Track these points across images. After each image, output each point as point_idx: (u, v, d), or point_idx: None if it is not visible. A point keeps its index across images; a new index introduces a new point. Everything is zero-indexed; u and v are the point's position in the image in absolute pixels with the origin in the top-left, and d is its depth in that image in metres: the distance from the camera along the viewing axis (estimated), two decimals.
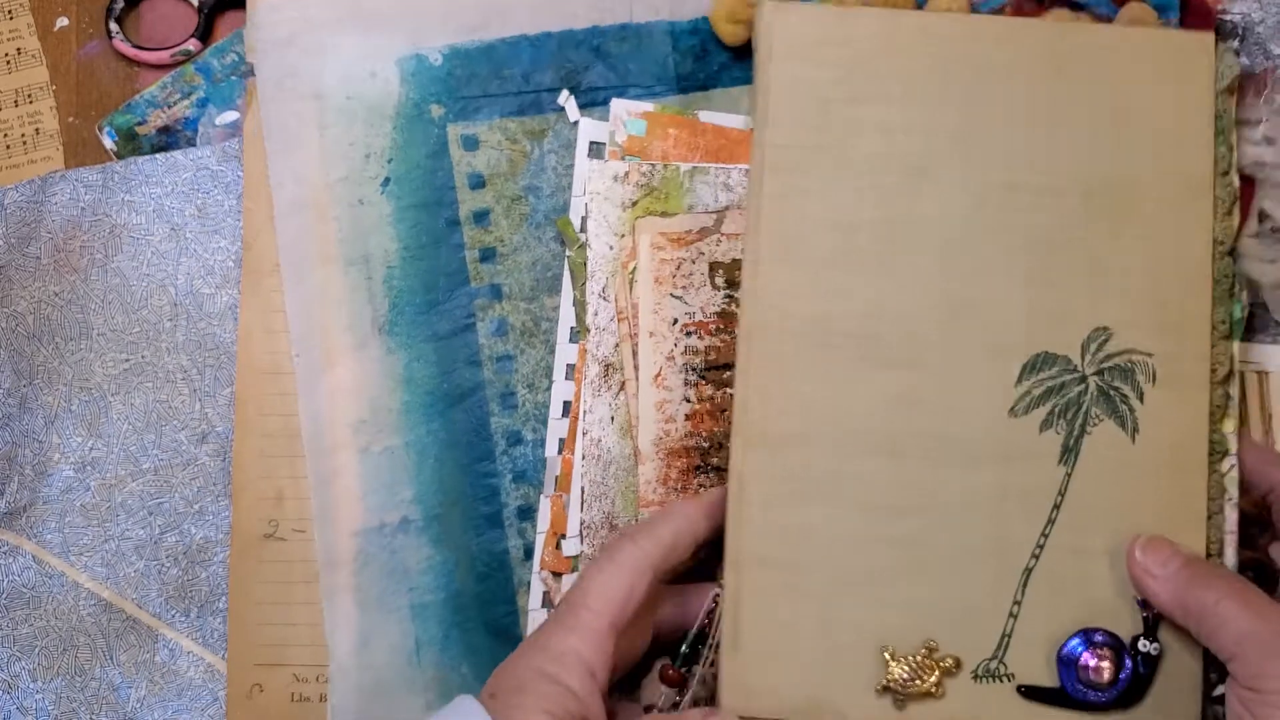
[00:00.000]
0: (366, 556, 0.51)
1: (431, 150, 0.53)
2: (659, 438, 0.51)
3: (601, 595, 0.43)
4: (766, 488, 0.47)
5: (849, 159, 0.48)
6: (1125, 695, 0.45)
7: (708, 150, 0.53)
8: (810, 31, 0.49)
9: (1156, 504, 0.47)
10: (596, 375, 0.52)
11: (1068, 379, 0.47)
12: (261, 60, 0.52)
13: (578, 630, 0.42)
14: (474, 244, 0.53)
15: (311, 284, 0.52)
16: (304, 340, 0.51)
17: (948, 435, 0.47)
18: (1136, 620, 0.46)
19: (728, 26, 0.52)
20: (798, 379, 0.47)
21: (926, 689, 0.45)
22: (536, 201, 0.53)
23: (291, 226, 0.52)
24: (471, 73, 0.53)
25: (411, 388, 0.52)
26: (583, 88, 0.53)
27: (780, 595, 0.46)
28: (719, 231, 0.52)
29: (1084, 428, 0.47)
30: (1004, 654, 0.46)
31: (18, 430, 0.53)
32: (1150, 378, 0.47)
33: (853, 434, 0.47)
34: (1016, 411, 0.47)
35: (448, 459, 0.51)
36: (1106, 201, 0.48)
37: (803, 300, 0.48)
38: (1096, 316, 0.48)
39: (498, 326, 0.52)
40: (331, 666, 0.50)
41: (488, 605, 0.51)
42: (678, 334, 0.52)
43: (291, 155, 0.52)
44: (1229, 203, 0.49)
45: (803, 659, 0.46)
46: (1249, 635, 0.41)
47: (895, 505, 0.47)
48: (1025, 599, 0.46)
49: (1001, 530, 0.47)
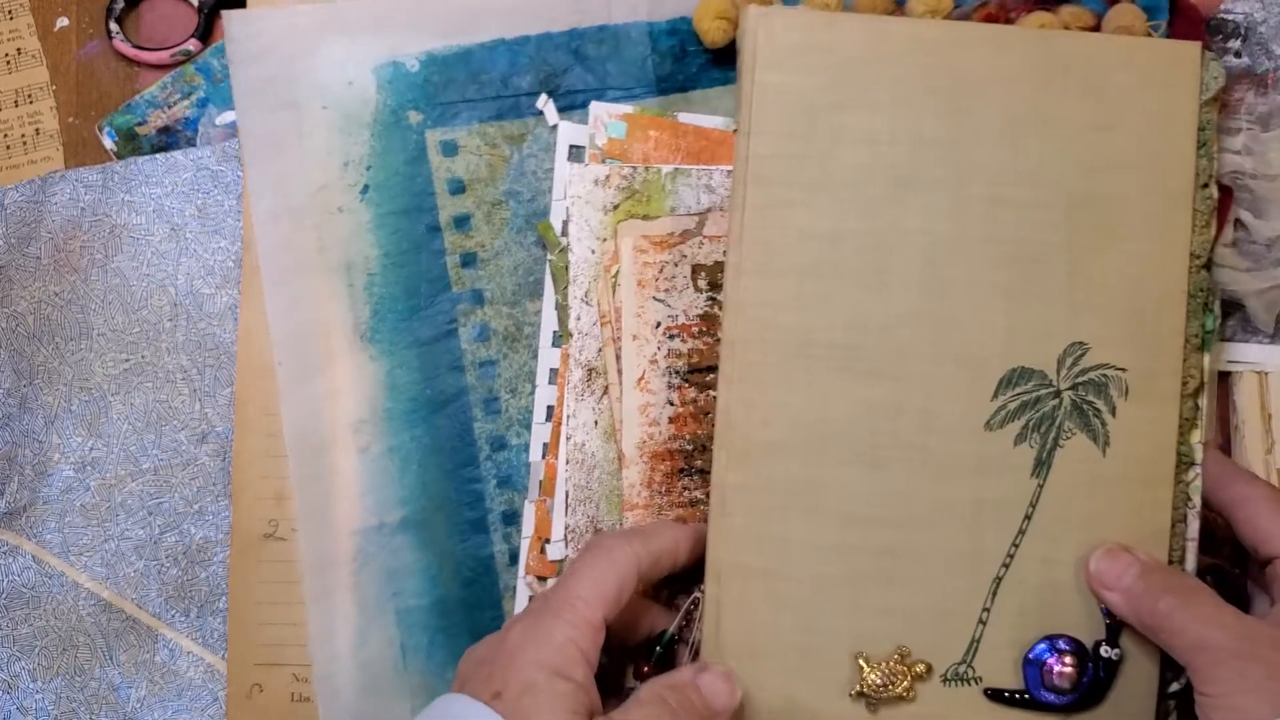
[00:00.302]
0: (366, 556, 0.51)
1: (410, 156, 0.52)
2: (643, 441, 0.52)
3: (595, 589, 0.43)
4: (748, 497, 0.48)
5: (833, 169, 0.48)
6: (1085, 698, 0.47)
7: (689, 152, 0.53)
8: (795, 38, 0.48)
9: (1124, 515, 0.48)
10: (580, 380, 0.52)
11: (1043, 393, 0.48)
12: (238, 70, 0.51)
13: (575, 623, 0.42)
14: (455, 249, 0.52)
15: (293, 293, 0.52)
16: (286, 349, 0.51)
17: (926, 447, 0.48)
18: (1100, 626, 0.48)
19: (714, 24, 0.51)
20: (780, 389, 0.48)
21: (899, 693, 0.47)
22: (517, 206, 0.53)
23: (271, 236, 0.51)
24: (449, 78, 0.52)
25: (394, 394, 0.52)
26: (561, 91, 0.52)
27: (759, 602, 0.48)
28: (701, 234, 0.52)
29: (1057, 441, 0.48)
30: (973, 659, 0.48)
31: (18, 430, 0.53)
32: (1123, 392, 0.48)
33: (833, 444, 0.48)
34: (992, 425, 0.48)
35: (431, 465, 0.52)
36: (1089, 215, 0.48)
37: (785, 310, 0.48)
38: (1074, 331, 0.48)
39: (480, 332, 0.52)
40: (323, 666, 0.51)
41: (473, 610, 0.52)
42: (660, 337, 0.52)
43: (270, 165, 0.51)
44: (1207, 215, 0.49)
45: (780, 663, 0.48)
46: (1200, 644, 0.43)
47: (873, 515, 0.48)
48: (994, 606, 0.48)
49: (974, 540, 0.48)
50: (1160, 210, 0.48)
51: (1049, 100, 0.48)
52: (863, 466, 0.48)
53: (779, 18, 0.48)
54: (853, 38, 0.48)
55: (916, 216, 0.48)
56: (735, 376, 0.48)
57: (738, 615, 0.48)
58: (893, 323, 0.48)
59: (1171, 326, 0.48)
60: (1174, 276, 0.48)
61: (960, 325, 0.48)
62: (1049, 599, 0.48)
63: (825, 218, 0.48)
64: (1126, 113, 0.48)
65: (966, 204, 0.48)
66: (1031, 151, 0.48)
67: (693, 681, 0.44)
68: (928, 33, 0.48)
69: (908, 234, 0.48)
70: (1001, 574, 0.48)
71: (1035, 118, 0.48)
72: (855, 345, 0.48)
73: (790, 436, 0.48)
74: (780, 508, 0.48)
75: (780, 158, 0.48)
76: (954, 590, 0.48)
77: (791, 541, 0.48)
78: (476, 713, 0.40)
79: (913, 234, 0.48)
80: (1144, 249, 0.48)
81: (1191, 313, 0.49)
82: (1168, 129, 0.48)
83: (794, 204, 0.48)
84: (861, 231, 0.48)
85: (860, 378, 0.48)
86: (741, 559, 0.48)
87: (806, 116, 0.48)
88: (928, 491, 0.48)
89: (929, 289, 0.48)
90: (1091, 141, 0.48)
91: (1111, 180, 0.48)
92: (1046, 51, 0.48)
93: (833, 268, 0.48)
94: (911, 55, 0.48)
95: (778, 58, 0.48)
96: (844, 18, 0.49)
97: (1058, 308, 0.48)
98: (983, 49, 0.48)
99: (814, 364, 0.48)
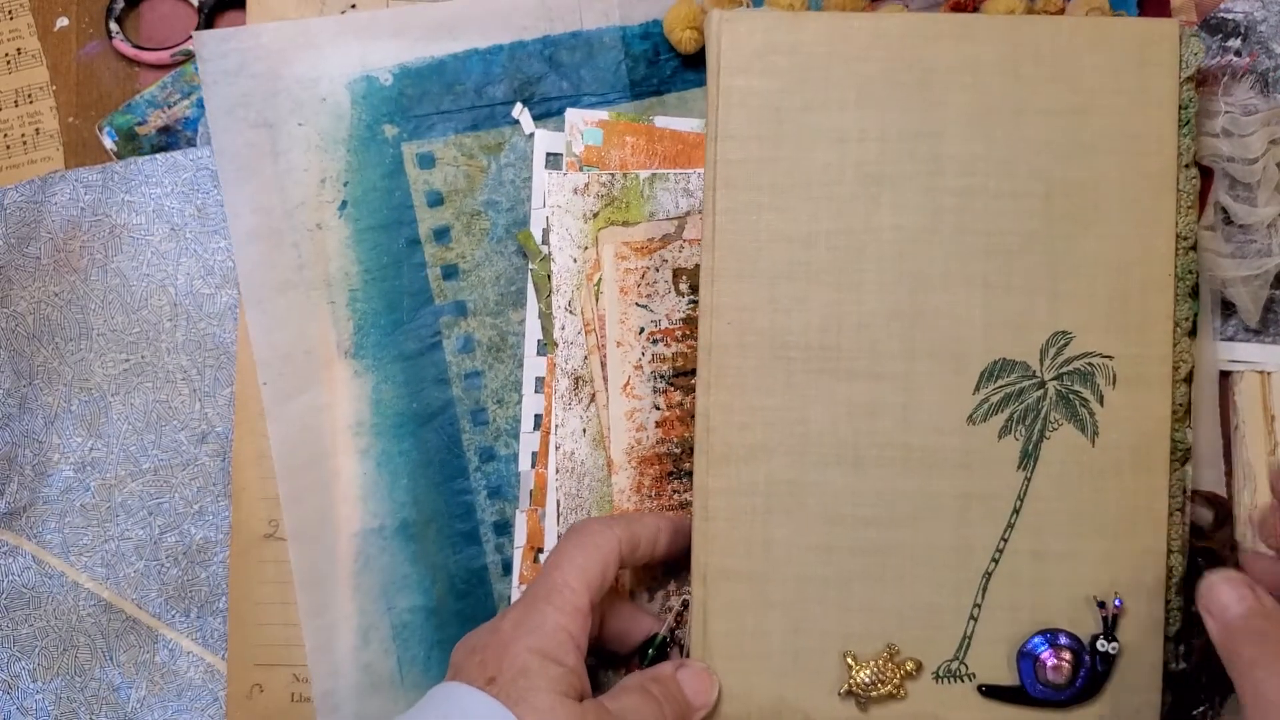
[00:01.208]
0: (366, 558, 0.52)
1: (387, 171, 0.52)
2: (631, 446, 0.52)
3: (581, 575, 0.44)
4: (730, 500, 0.48)
5: (803, 170, 0.48)
6: (1083, 692, 0.47)
7: (665, 156, 0.52)
8: (759, 40, 0.48)
9: (1118, 506, 0.47)
10: (566, 388, 0.52)
11: (1026, 385, 0.47)
12: (212, 90, 0.52)
13: (564, 609, 0.43)
14: (436, 262, 0.53)
15: (274, 312, 0.52)
16: (270, 368, 0.52)
17: (908, 444, 0.47)
18: (1096, 620, 0.47)
19: (685, 34, 0.51)
20: (758, 392, 0.48)
21: (889, 691, 0.47)
22: (496, 216, 0.53)
23: (250, 255, 0.52)
24: (423, 90, 0.52)
25: (381, 409, 0.52)
26: (536, 99, 0.52)
27: (746, 605, 0.48)
28: (681, 238, 0.52)
29: (1043, 433, 0.47)
30: (964, 655, 0.47)
31: (18, 430, 0.53)
32: (1110, 380, 0.47)
33: (814, 445, 0.48)
34: (975, 419, 0.47)
35: (421, 478, 0.52)
36: (1067, 201, 0.47)
37: (760, 314, 0.48)
38: (1056, 320, 0.47)
39: (464, 343, 0.53)
40: (323, 680, 0.51)
41: (468, 622, 0.51)
42: (644, 342, 0.52)
43: (246, 184, 0.52)
44: (1191, 196, 0.48)
45: (769, 664, 0.47)
46: (1262, 702, 0.41)
47: (857, 515, 0.48)
48: (985, 601, 0.47)
49: (962, 536, 0.47)
50: (1143, 192, 0.47)
51: (1020, 87, 0.47)
52: (845, 466, 0.48)
53: (742, 21, 0.48)
54: (817, 37, 0.48)
55: (889, 213, 0.48)
56: (713, 381, 0.48)
57: (724, 618, 0.48)
58: (869, 321, 0.48)
59: (1160, 311, 0.47)
60: (1160, 259, 0.47)
61: (937, 320, 0.47)
62: (1041, 593, 0.47)
63: (796, 219, 0.48)
64: (1102, 95, 0.47)
65: (939, 197, 0.47)
66: (1005, 140, 0.47)
67: (673, 675, 0.46)
68: (893, 27, 0.48)
69: (880, 231, 0.48)
70: (991, 569, 0.47)
71: (1007, 106, 0.47)
72: (832, 345, 0.48)
73: (770, 439, 0.48)
74: (763, 510, 0.48)
75: (749, 161, 0.48)
76: (943, 587, 0.47)
77: (776, 543, 0.48)
78: (472, 698, 0.41)
79: (885, 230, 0.48)
80: (1127, 233, 0.47)
81: (1180, 296, 0.48)
82: (1148, 109, 0.47)
83: (764, 207, 0.48)
84: (833, 231, 0.48)
85: (838, 377, 0.48)
86: (726, 562, 0.48)
87: (774, 118, 0.48)
88: (912, 488, 0.47)
89: (904, 285, 0.48)
90: (1067, 126, 0.47)
91: (1090, 164, 0.47)
92: (1015, 37, 0.47)
93: (806, 268, 0.48)
94: (877, 50, 0.47)
95: (742, 61, 0.48)
96: (807, 16, 0.48)
97: (1039, 297, 0.47)
98: (949, 39, 0.47)
99: (791, 366, 0.48)
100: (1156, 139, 0.47)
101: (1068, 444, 0.47)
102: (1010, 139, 0.47)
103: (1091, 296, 0.47)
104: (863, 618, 0.47)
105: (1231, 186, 0.51)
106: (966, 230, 0.47)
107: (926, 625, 0.47)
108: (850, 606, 0.47)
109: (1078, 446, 0.47)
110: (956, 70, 0.47)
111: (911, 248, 0.47)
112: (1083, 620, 0.47)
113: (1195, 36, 0.48)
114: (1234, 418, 0.52)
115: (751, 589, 0.48)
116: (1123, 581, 0.47)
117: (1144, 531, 0.47)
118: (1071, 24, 0.48)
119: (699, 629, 0.48)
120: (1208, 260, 0.50)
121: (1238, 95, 0.50)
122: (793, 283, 0.48)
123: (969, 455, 0.47)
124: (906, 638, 0.47)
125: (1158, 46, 0.47)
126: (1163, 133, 0.47)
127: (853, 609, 0.47)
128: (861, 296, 0.48)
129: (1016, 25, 0.48)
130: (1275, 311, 0.52)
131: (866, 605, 0.47)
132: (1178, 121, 0.47)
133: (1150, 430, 0.47)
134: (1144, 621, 0.47)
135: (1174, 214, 0.47)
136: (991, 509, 0.47)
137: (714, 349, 0.48)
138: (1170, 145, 0.47)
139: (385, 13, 0.53)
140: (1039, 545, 0.47)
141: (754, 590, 0.48)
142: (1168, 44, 0.47)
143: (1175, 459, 0.47)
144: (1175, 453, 0.47)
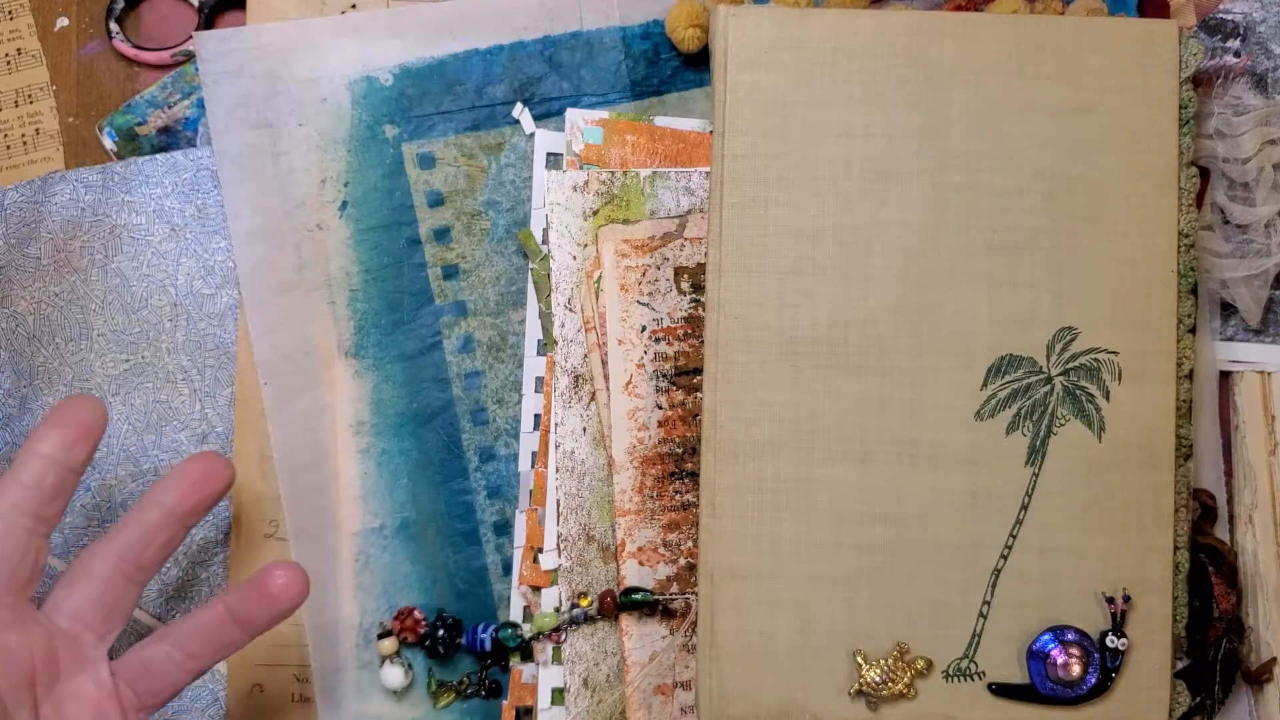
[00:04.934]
0: (367, 558, 0.51)
1: (388, 171, 0.52)
2: (632, 446, 0.51)
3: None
4: (737, 498, 0.47)
5: (810, 166, 0.48)
6: (1093, 690, 0.46)
7: (666, 155, 0.52)
8: (766, 35, 0.48)
9: (1125, 501, 0.47)
10: (566, 387, 0.52)
11: (1033, 380, 0.47)
12: (212, 91, 0.51)
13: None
14: (436, 262, 0.52)
15: (274, 312, 0.51)
16: (271, 369, 0.51)
17: (916, 440, 0.47)
18: (1104, 616, 0.47)
19: (688, 32, 0.51)
20: (765, 388, 0.48)
21: (899, 690, 0.46)
22: (497, 216, 0.52)
23: (251, 255, 0.51)
24: (423, 91, 0.52)
25: (381, 409, 0.52)
26: (537, 99, 0.52)
27: (754, 604, 0.47)
28: (682, 236, 0.52)
29: (1050, 428, 0.47)
30: (974, 653, 0.47)
31: (18, 430, 0.53)
32: (1116, 376, 0.47)
33: (822, 441, 0.47)
34: (982, 415, 0.47)
35: (421, 478, 0.52)
36: (1071, 199, 0.48)
37: (767, 309, 0.48)
38: (1062, 316, 0.48)
39: (464, 343, 0.52)
40: (324, 667, 0.51)
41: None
42: (646, 341, 0.52)
43: (246, 185, 0.51)
44: (1192, 194, 0.48)
45: (777, 664, 0.47)
46: None
47: (865, 511, 0.47)
48: (994, 599, 0.47)
49: (970, 532, 0.47)
50: (1145, 190, 0.48)
51: (1025, 85, 0.48)
52: (853, 463, 0.47)
53: (749, 16, 0.48)
54: (823, 32, 0.48)
55: (895, 209, 0.48)
56: (720, 377, 0.48)
57: (732, 617, 0.47)
58: (876, 316, 0.48)
59: (1164, 307, 0.48)
60: (1163, 256, 0.48)
61: (944, 315, 0.47)
62: (1049, 589, 0.47)
63: (803, 214, 0.48)
64: (1105, 94, 0.48)
65: (945, 193, 0.48)
66: (1010, 137, 0.48)
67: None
68: (898, 24, 0.48)
69: (887, 226, 0.48)
70: (1000, 566, 0.47)
71: (1012, 103, 0.48)
72: (839, 341, 0.48)
73: (777, 435, 0.47)
74: (770, 507, 0.47)
75: (756, 156, 0.48)
76: (952, 584, 0.47)
77: (784, 541, 0.47)
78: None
79: (892, 226, 0.48)
80: (1130, 230, 0.48)
81: (1183, 293, 0.48)
82: (1149, 108, 0.48)
83: (771, 202, 0.48)
84: (840, 226, 0.48)
85: (846, 373, 0.47)
86: (733, 560, 0.47)
87: (780, 114, 0.48)
88: (920, 485, 0.47)
89: (911, 281, 0.48)
90: (1070, 124, 0.48)
91: (1093, 162, 0.48)
92: (1018, 36, 0.48)
93: (813, 264, 0.48)
94: (883, 47, 0.48)
95: (749, 57, 0.48)
96: (814, 13, 0.48)
97: (1044, 293, 0.47)
98: (953, 37, 0.48)
99: (799, 361, 0.48)
100: (1158, 138, 0.48)
101: (1075, 440, 0.47)
102: (1014, 136, 0.48)
103: (1096, 292, 0.47)
104: (871, 616, 0.47)
105: (1230, 187, 0.51)
106: (972, 226, 0.48)
107: (936, 623, 0.47)
108: (859, 605, 0.47)
109: (1085, 442, 0.47)
110: (960, 68, 0.48)
111: (918, 243, 0.48)
112: (1091, 616, 0.47)
113: (1194, 38, 0.48)
114: (1234, 418, 0.52)
115: (759, 587, 0.47)
116: (1130, 577, 0.47)
117: (1151, 527, 0.47)
118: (1073, 24, 0.48)
119: (706, 628, 0.47)
120: (1206, 261, 0.51)
121: (1230, 96, 0.50)
122: (800, 278, 0.48)
123: (977, 451, 0.47)
124: (916, 636, 0.47)
125: (1158, 47, 0.48)
126: (1164, 131, 0.48)
127: (861, 607, 0.47)
128: (868, 292, 0.48)
129: (1019, 25, 0.48)
130: (1275, 311, 0.52)
131: (875, 603, 0.47)
132: (1178, 121, 0.48)
133: (1156, 426, 0.47)
134: (1152, 617, 0.47)
135: (1176, 211, 0.48)
136: (1000, 505, 0.47)
137: (721, 344, 0.48)
138: (1171, 144, 0.48)
139: (385, 13, 0.52)
140: (1047, 542, 0.47)
141: (761, 588, 0.47)
142: (1167, 45, 0.48)
143: (1179, 455, 0.48)
144: (1179, 449, 0.48)
